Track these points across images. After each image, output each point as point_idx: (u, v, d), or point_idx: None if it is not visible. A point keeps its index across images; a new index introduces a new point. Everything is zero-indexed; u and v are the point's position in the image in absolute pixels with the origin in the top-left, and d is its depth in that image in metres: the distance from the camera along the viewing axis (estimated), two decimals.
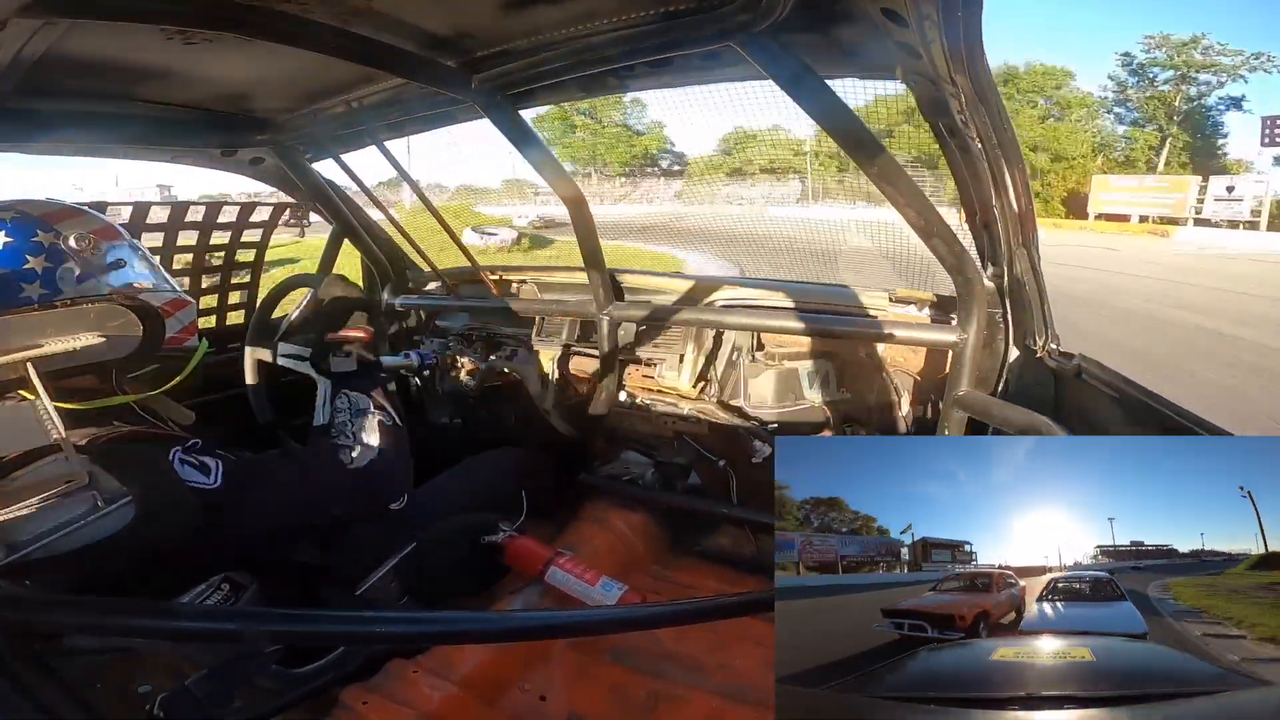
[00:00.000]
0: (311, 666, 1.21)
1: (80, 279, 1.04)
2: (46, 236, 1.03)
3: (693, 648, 1.40)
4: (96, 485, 0.96)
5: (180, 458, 1.05)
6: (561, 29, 1.24)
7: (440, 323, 2.30)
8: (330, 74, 1.51)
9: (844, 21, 1.03)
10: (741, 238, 13.62)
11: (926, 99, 1.12)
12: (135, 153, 1.75)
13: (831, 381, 1.77)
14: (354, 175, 2.08)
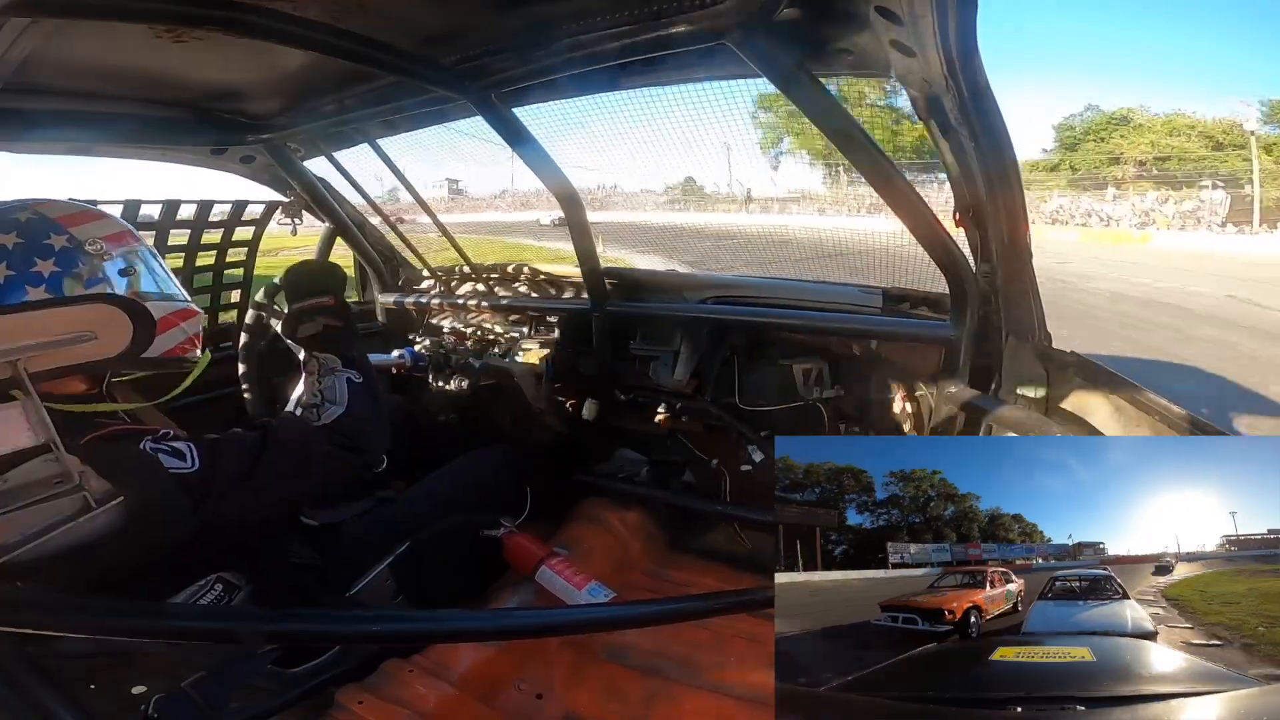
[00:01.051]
0: (307, 666, 1.21)
1: (87, 283, 1.03)
2: (59, 239, 1.02)
3: (689, 646, 1.40)
4: (87, 485, 0.96)
5: (152, 446, 1.04)
6: (556, 27, 1.23)
7: (434, 320, 2.29)
8: (322, 72, 1.50)
9: (839, 20, 1.04)
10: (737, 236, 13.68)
11: (921, 97, 1.13)
12: (125, 152, 1.74)
13: (825, 379, 1.77)
14: (346, 173, 2.08)
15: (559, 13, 1.19)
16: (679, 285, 1.98)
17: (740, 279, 2.01)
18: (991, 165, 1.15)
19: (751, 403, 1.83)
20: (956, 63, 0.93)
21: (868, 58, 1.13)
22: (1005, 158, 1.13)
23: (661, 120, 1.68)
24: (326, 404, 1.26)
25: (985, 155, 1.13)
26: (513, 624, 1.14)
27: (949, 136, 1.17)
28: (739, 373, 1.85)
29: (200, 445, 1.08)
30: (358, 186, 2.14)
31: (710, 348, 1.87)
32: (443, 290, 2.37)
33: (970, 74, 0.95)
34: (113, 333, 1.06)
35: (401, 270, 2.49)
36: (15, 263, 0.98)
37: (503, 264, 2.31)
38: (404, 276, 2.48)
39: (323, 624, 0.99)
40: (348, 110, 1.72)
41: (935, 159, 1.27)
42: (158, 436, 1.06)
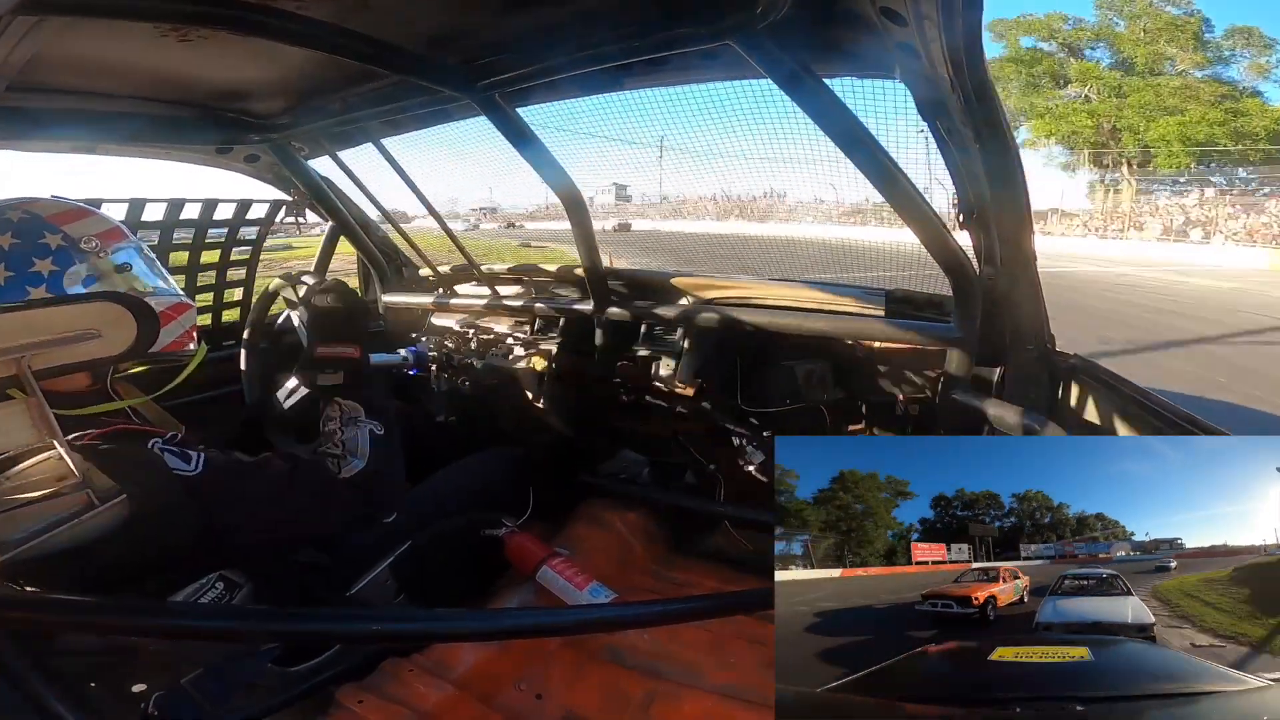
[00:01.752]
0: (307, 665, 1.21)
1: (86, 281, 1.03)
2: (54, 239, 1.02)
3: (689, 647, 1.40)
4: (90, 483, 0.96)
5: (160, 447, 1.04)
6: (561, 27, 1.23)
7: (436, 321, 2.30)
8: (326, 71, 1.51)
9: (843, 21, 1.03)
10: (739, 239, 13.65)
11: (925, 99, 1.12)
12: (130, 150, 1.74)
13: (829, 380, 1.77)
14: (350, 172, 2.08)
15: (564, 13, 1.19)
16: (681, 287, 1.98)
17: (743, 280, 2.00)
18: (995, 167, 1.14)
19: (754, 404, 1.83)
20: (962, 64, 0.93)
21: (872, 59, 1.13)
22: (1009, 159, 1.12)
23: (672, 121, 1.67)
24: (348, 456, 1.24)
25: (989, 157, 1.13)
26: (513, 624, 1.14)
27: (953, 138, 1.17)
28: (742, 374, 1.85)
29: (211, 454, 1.08)
30: (361, 186, 2.14)
31: (713, 349, 1.87)
32: (446, 290, 2.37)
33: (975, 75, 0.95)
34: (117, 330, 1.07)
35: (405, 270, 2.49)
36: (14, 263, 0.98)
37: (506, 264, 2.31)
38: (407, 276, 2.49)
39: (323, 623, 0.99)
40: (352, 110, 1.73)
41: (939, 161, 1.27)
42: (167, 439, 1.07)
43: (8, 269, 0.97)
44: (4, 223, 1.00)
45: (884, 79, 1.18)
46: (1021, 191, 1.18)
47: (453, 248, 2.24)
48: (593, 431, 2.09)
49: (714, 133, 1.91)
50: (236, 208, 2.06)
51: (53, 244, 1.02)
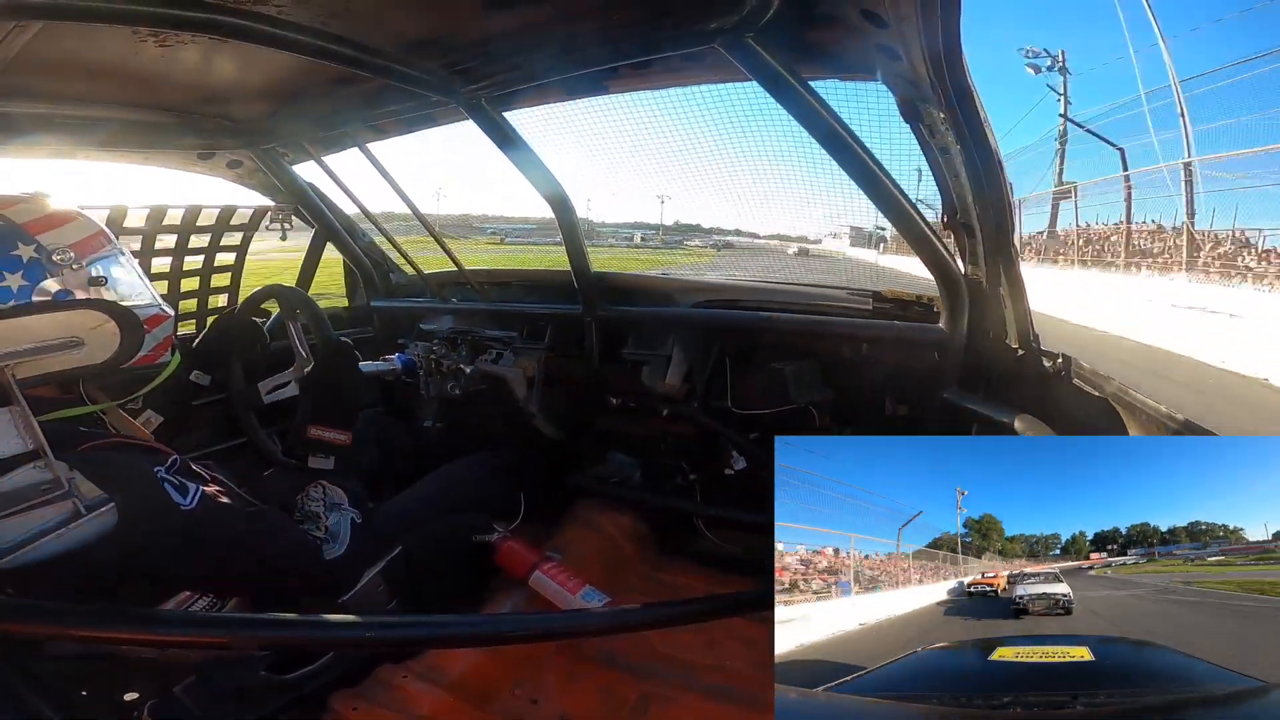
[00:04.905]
0: (301, 672, 1.20)
1: (59, 294, 1.01)
2: (27, 250, 0.99)
3: (683, 649, 1.40)
4: (76, 492, 0.95)
5: (162, 475, 1.04)
6: (546, 31, 1.24)
7: (425, 326, 2.28)
8: (310, 76, 1.50)
9: (825, 24, 1.05)
10: None
11: (906, 100, 1.14)
12: (110, 156, 1.72)
13: (818, 381, 1.78)
14: (335, 177, 2.06)
15: (548, 16, 1.19)
16: (670, 289, 1.98)
17: (731, 282, 2.01)
18: (977, 167, 1.16)
19: (744, 406, 1.83)
20: (942, 65, 0.94)
21: (854, 61, 1.14)
22: (991, 159, 1.14)
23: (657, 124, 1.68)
24: (330, 540, 1.30)
25: (971, 157, 1.14)
26: (507, 629, 1.14)
27: (935, 139, 1.19)
28: (731, 376, 1.86)
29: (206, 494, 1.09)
30: (347, 191, 2.13)
31: (702, 351, 1.87)
32: (434, 295, 2.36)
33: (955, 76, 0.96)
34: (101, 338, 1.06)
35: (393, 275, 2.48)
36: None
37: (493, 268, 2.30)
38: (395, 281, 2.47)
39: (316, 630, 0.98)
40: (336, 114, 1.72)
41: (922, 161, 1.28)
42: (169, 467, 1.07)
43: None
44: None
45: (866, 81, 1.19)
46: (1004, 191, 1.20)
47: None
48: (583, 434, 2.09)
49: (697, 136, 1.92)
50: (220, 213, 2.04)
51: (24, 256, 0.99)
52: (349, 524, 1.33)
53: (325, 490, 1.37)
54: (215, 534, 1.07)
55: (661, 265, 12.92)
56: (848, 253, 10.47)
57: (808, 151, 1.41)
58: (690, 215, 23.46)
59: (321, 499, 1.36)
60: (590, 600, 1.43)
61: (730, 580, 1.68)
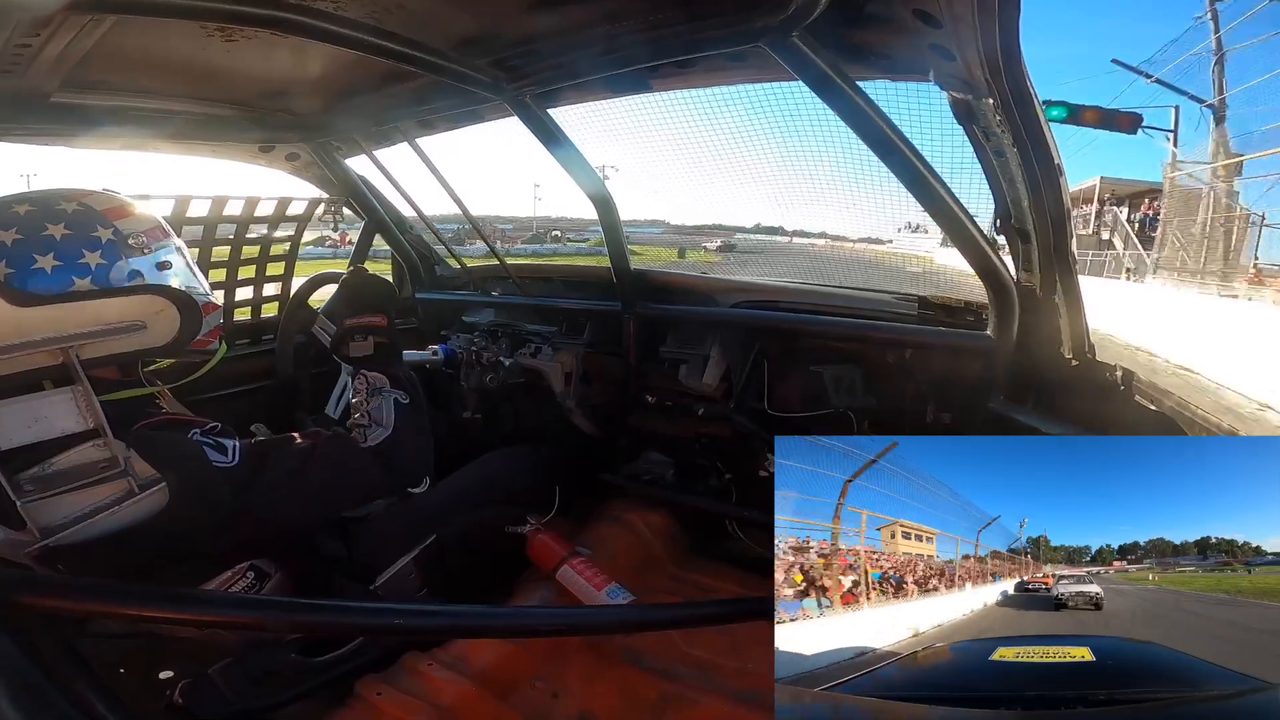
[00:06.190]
0: (330, 656, 1.24)
1: (129, 276, 1.07)
2: (105, 232, 1.06)
3: (707, 650, 1.39)
4: (131, 470, 0.99)
5: (199, 438, 1.07)
6: (590, 29, 1.24)
7: (467, 319, 2.33)
8: (363, 72, 1.54)
9: (875, 23, 1.01)
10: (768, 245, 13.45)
11: (960, 103, 1.10)
12: (177, 148, 1.80)
13: (858, 387, 1.74)
14: (385, 171, 2.12)
15: (593, 15, 1.19)
16: (710, 288, 1.97)
17: (772, 283, 1.98)
18: (1035, 171, 1.11)
19: (781, 409, 1.81)
20: (999, 66, 0.90)
21: (905, 61, 1.10)
22: (1049, 163, 1.09)
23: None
24: (374, 425, 1.28)
25: (1027, 160, 1.09)
26: (530, 622, 1.15)
27: (990, 141, 1.14)
28: (769, 378, 1.83)
29: (244, 444, 1.11)
30: (396, 184, 2.18)
31: (741, 352, 1.85)
32: (477, 289, 2.41)
33: (1014, 78, 0.92)
34: (161, 323, 1.10)
35: (438, 267, 2.53)
36: (64, 253, 1.01)
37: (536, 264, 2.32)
38: (440, 274, 2.53)
39: (346, 615, 1.01)
40: (387, 110, 1.76)
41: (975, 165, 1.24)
42: (205, 429, 1.10)
43: (57, 258, 1.01)
44: (58, 213, 1.03)
45: (918, 82, 1.15)
46: (1062, 196, 1.15)
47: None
48: (618, 431, 2.09)
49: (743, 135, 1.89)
50: (276, 205, 2.11)
51: (103, 238, 1.05)
52: (392, 405, 1.30)
53: (366, 379, 1.35)
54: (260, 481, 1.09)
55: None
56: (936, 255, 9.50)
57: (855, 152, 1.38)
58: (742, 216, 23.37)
59: (364, 388, 1.33)
60: (615, 598, 1.43)
61: (761, 583, 1.66)
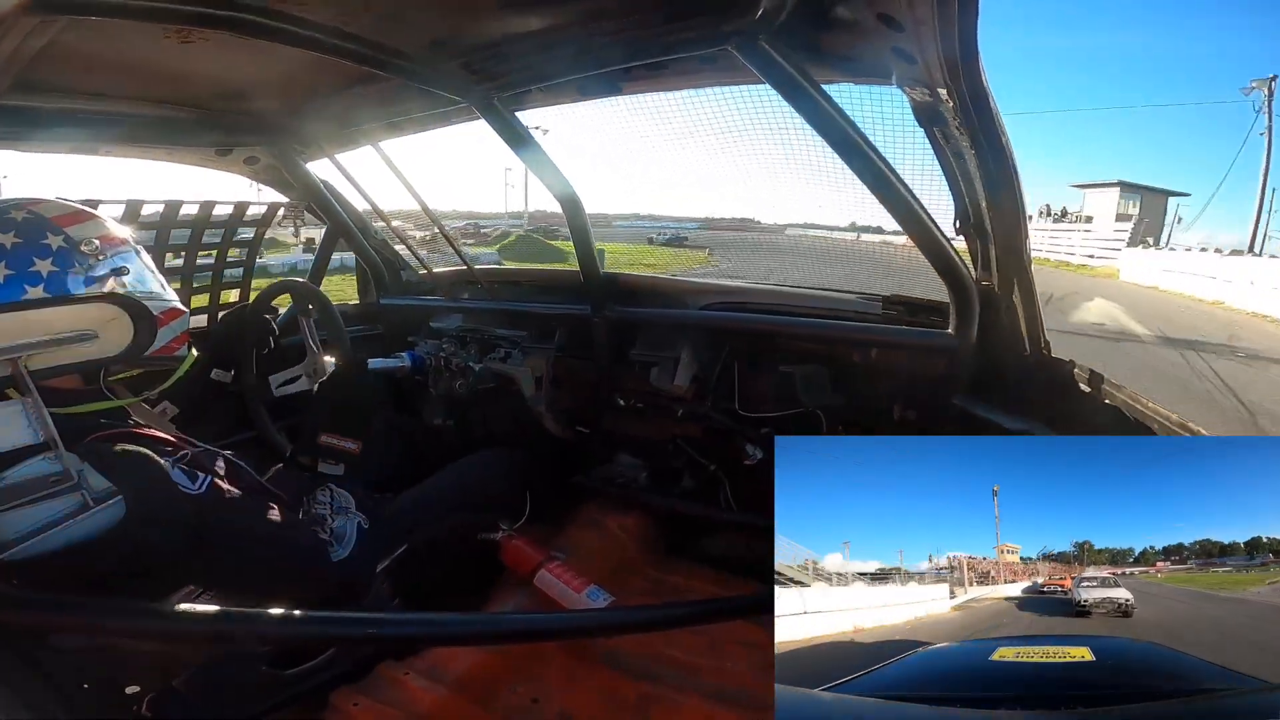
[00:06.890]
0: (302, 668, 1.20)
1: (85, 283, 1.03)
2: (56, 239, 1.02)
3: (685, 651, 1.39)
4: (85, 484, 0.95)
5: (171, 462, 1.04)
6: (559, 32, 1.24)
7: (434, 324, 2.30)
8: (326, 74, 1.51)
9: (841, 27, 1.04)
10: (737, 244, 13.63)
11: (921, 105, 1.13)
12: (130, 151, 1.74)
13: (826, 386, 1.77)
14: (348, 175, 2.08)
15: (563, 18, 1.20)
16: (679, 290, 1.98)
17: (740, 285, 2.01)
18: (991, 172, 1.15)
19: (751, 409, 1.83)
20: (958, 68, 0.94)
21: (869, 64, 1.13)
22: (1005, 164, 1.13)
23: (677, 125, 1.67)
24: (335, 543, 1.29)
25: (985, 162, 1.13)
26: (509, 627, 1.14)
27: (950, 144, 1.18)
28: (739, 379, 1.85)
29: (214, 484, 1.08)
30: (360, 189, 2.14)
31: (711, 354, 1.87)
32: (443, 294, 2.38)
33: (971, 80, 0.96)
34: (114, 331, 1.07)
35: (403, 273, 2.49)
36: (14, 262, 0.98)
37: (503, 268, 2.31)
38: (406, 279, 2.49)
39: (318, 625, 0.99)
40: (352, 112, 1.73)
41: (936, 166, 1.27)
42: (179, 458, 1.07)
43: (8, 267, 0.97)
44: (7, 221, 1.00)
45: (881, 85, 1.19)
46: (1017, 197, 1.19)
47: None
48: (590, 435, 2.09)
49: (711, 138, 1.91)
50: (234, 209, 2.06)
51: (54, 245, 1.02)
52: (355, 528, 1.33)
53: (333, 494, 1.37)
54: (223, 522, 1.07)
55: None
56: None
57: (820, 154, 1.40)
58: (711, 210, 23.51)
59: (329, 502, 1.36)
60: (595, 600, 1.43)
61: (735, 583, 1.68)
